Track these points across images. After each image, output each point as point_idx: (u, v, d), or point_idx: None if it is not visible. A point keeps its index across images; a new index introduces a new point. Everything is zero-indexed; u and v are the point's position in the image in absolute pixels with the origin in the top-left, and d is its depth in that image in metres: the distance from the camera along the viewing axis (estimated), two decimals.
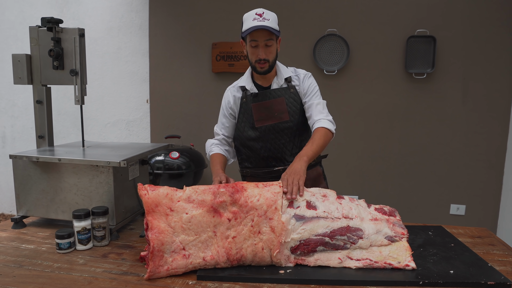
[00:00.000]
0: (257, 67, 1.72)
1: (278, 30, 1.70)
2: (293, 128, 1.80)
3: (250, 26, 1.63)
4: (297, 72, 1.85)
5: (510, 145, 3.20)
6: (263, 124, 1.79)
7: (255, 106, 1.79)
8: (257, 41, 1.66)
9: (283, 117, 1.78)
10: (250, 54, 1.72)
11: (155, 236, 1.25)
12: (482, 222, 3.29)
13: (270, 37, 1.66)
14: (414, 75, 3.26)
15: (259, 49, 1.68)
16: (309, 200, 1.40)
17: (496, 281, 1.21)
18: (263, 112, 1.78)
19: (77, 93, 1.71)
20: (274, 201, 1.33)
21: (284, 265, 1.31)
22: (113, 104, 3.96)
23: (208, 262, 1.28)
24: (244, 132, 1.84)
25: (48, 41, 1.72)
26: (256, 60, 1.70)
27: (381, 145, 3.42)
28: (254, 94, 1.79)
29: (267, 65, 1.71)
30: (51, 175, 1.62)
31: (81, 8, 3.89)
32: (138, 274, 1.28)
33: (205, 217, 1.30)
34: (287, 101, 1.79)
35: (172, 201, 1.30)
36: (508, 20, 3.10)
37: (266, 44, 1.67)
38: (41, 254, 1.42)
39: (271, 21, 1.65)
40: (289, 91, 1.80)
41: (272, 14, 1.69)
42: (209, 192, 1.33)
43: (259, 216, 1.31)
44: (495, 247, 1.55)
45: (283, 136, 1.80)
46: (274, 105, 1.78)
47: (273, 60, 1.73)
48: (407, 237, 1.39)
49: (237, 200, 1.32)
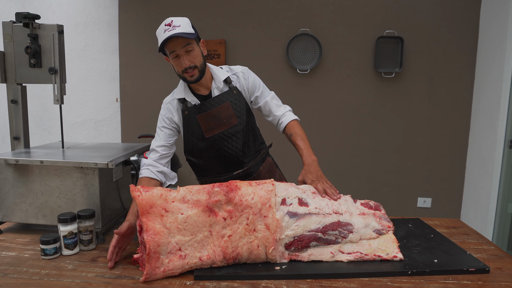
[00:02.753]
0: (187, 77, 1.63)
1: (193, 32, 1.59)
2: (244, 130, 1.77)
3: (163, 38, 1.54)
4: (233, 71, 1.79)
5: (472, 140, 3.41)
6: (213, 134, 1.73)
7: (201, 118, 1.71)
8: (176, 51, 1.57)
9: (232, 121, 1.73)
10: (175, 66, 1.63)
11: (151, 237, 1.23)
12: (447, 213, 3.49)
13: (186, 42, 1.57)
14: (383, 74, 3.39)
15: (180, 58, 1.59)
16: (300, 197, 1.43)
17: (476, 267, 1.30)
18: (211, 121, 1.71)
19: (56, 92, 1.65)
20: (268, 199, 1.35)
21: (278, 261, 1.34)
22: (80, 103, 3.82)
23: (205, 261, 1.28)
24: (194, 145, 1.77)
25: (23, 38, 1.63)
26: (182, 71, 1.61)
27: (352, 141, 3.54)
28: (196, 105, 1.71)
29: (197, 71, 1.62)
30: (30, 178, 1.55)
31: (44, 2, 3.72)
32: (132, 277, 1.25)
33: (200, 217, 1.29)
34: (233, 105, 1.73)
35: (167, 201, 1.28)
36: (469, 23, 3.31)
37: (186, 50, 1.58)
38: (25, 261, 1.36)
39: (182, 27, 1.55)
40: (232, 93, 1.74)
41: (182, 19, 1.59)
42: (204, 192, 1.32)
43: (254, 214, 1.33)
44: (469, 236, 1.65)
45: (235, 140, 1.76)
46: (221, 112, 1.71)
47: (202, 65, 1.64)
48: (392, 230, 1.46)
49: (232, 199, 1.32)
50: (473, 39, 3.32)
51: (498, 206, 3.01)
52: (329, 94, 3.49)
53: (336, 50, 3.43)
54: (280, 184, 1.46)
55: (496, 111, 2.99)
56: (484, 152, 3.15)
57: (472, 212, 3.35)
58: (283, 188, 1.44)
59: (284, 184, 1.49)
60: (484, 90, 3.21)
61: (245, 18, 3.47)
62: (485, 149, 3.15)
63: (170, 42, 1.55)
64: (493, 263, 1.37)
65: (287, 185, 1.49)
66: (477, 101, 3.34)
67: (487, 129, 3.12)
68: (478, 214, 3.22)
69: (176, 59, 1.60)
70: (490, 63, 3.13)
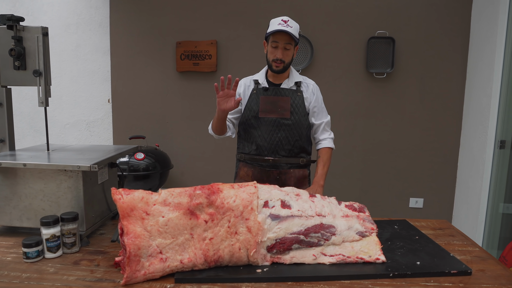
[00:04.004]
0: (273, 65, 1.94)
1: (297, 38, 1.93)
2: (291, 126, 2.00)
3: (275, 28, 1.86)
4: (306, 81, 2.08)
5: (463, 141, 3.42)
6: (265, 116, 1.99)
7: (263, 99, 1.99)
8: (278, 42, 1.90)
9: (285, 114, 1.98)
10: (269, 53, 1.95)
11: (131, 241, 1.22)
12: (439, 214, 3.49)
13: (289, 41, 1.90)
14: (375, 74, 3.40)
15: (278, 50, 1.91)
16: (283, 199, 1.42)
17: (458, 269, 1.30)
18: (268, 105, 1.98)
19: (41, 95, 1.64)
20: (250, 202, 1.35)
21: (260, 263, 1.34)
22: (72, 104, 3.81)
23: (186, 264, 1.28)
24: (247, 120, 2.04)
25: (7, 40, 1.63)
26: (273, 59, 1.93)
27: (344, 142, 3.54)
28: (265, 88, 2.01)
29: (282, 65, 1.93)
30: (14, 181, 1.54)
31: (35, 3, 3.70)
32: (113, 280, 1.25)
33: (181, 219, 1.29)
34: (292, 102, 1.99)
35: (148, 204, 1.28)
36: (460, 24, 3.32)
37: (285, 47, 1.90)
38: (7, 265, 1.35)
39: (293, 29, 1.88)
40: (296, 93, 2.01)
41: (296, 24, 1.91)
42: (185, 195, 1.32)
43: (236, 217, 1.32)
44: (454, 238, 1.65)
45: (280, 131, 1.99)
46: (280, 101, 1.98)
47: (288, 63, 1.96)
48: (376, 232, 1.45)
49: (214, 202, 1.32)
50: (464, 40, 3.33)
51: (488, 206, 3.02)
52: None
53: (328, 51, 3.43)
54: (263, 187, 1.46)
55: (486, 112, 3.00)
56: (475, 152, 3.16)
57: (463, 212, 3.36)
58: (266, 191, 1.44)
59: (267, 187, 1.49)
60: (475, 91, 3.22)
61: (236, 19, 3.47)
62: (476, 150, 3.16)
63: (278, 34, 1.87)
64: (476, 265, 1.38)
65: (270, 188, 1.49)
66: (468, 102, 3.35)
67: (478, 129, 3.13)
68: (469, 214, 3.23)
69: (274, 48, 1.92)
70: (481, 63, 3.13)
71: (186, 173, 3.67)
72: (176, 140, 3.65)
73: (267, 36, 1.94)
